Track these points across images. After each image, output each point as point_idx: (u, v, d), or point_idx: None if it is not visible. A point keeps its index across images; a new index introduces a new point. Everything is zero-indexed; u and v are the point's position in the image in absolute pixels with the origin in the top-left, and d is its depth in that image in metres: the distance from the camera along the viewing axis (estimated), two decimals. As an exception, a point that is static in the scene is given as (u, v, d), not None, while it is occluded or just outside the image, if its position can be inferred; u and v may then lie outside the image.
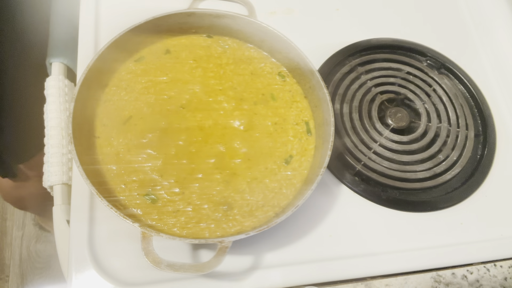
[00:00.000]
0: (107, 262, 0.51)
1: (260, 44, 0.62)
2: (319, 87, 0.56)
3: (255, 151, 0.55)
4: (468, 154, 0.64)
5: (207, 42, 0.62)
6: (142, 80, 0.58)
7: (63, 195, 0.58)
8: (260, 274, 0.52)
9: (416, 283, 0.54)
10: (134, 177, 0.52)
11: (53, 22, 0.68)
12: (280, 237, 0.54)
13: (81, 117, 0.51)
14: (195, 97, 0.58)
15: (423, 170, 0.62)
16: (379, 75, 0.68)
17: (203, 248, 0.53)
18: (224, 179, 0.53)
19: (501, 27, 0.78)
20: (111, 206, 0.44)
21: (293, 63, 0.60)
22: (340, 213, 0.58)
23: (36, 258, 1.29)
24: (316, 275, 0.53)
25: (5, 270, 1.26)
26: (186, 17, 0.59)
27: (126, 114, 0.55)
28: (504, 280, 0.56)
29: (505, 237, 0.59)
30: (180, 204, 0.51)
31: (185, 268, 0.43)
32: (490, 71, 0.74)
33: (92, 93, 0.54)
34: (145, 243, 0.43)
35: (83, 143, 0.51)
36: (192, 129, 0.56)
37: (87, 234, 0.52)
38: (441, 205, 0.60)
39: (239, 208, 0.51)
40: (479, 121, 0.69)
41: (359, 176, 0.61)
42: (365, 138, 0.62)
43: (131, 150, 0.53)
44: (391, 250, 0.56)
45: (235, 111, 0.57)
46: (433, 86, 0.69)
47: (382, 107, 0.66)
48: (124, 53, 0.58)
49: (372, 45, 0.71)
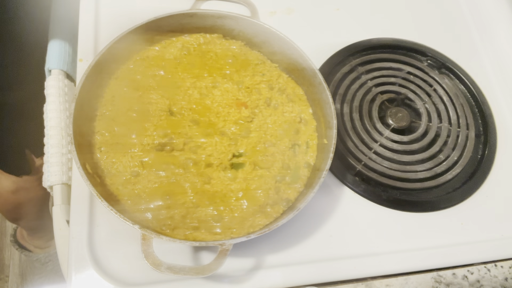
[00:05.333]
0: (106, 262, 0.51)
1: (262, 45, 0.62)
2: (322, 89, 0.56)
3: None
4: (469, 154, 0.64)
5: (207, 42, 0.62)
6: (143, 79, 0.58)
7: (63, 195, 0.58)
8: (261, 274, 0.52)
9: (417, 283, 0.54)
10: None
11: (52, 29, 0.68)
12: (280, 238, 0.54)
13: (81, 117, 0.51)
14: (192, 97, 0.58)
15: (424, 170, 0.61)
16: (379, 75, 0.68)
17: (204, 250, 0.53)
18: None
19: (501, 26, 0.77)
20: (111, 207, 0.44)
21: (294, 65, 0.60)
22: (340, 213, 0.58)
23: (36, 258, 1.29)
24: (317, 276, 0.53)
25: (4, 270, 1.26)
26: (188, 17, 0.59)
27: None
28: (504, 280, 0.56)
29: (505, 237, 0.59)
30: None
31: (185, 270, 0.43)
32: (490, 71, 0.74)
33: (93, 92, 0.54)
34: (145, 245, 0.43)
35: (83, 143, 0.50)
36: (196, 121, 0.56)
37: (87, 234, 0.52)
38: (442, 205, 0.60)
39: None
40: (480, 121, 0.69)
41: (359, 176, 0.60)
42: (365, 138, 0.62)
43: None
44: (391, 250, 0.56)
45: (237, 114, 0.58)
46: (433, 86, 0.69)
47: (382, 107, 0.66)
48: (125, 53, 0.58)
49: (373, 45, 0.71)
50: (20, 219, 1.03)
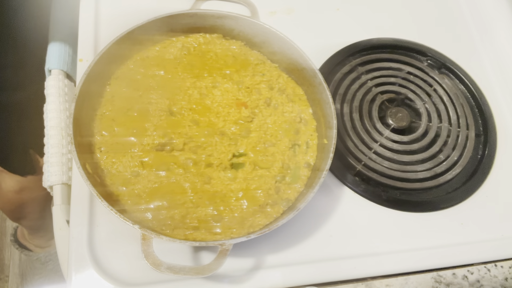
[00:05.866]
0: (106, 262, 0.51)
1: (261, 45, 0.62)
2: (322, 89, 0.56)
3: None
4: (469, 154, 0.64)
5: (207, 42, 0.62)
6: (143, 79, 0.58)
7: (62, 195, 0.58)
8: (261, 274, 0.52)
9: (417, 283, 0.54)
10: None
11: (52, 30, 0.68)
12: (280, 238, 0.54)
13: (81, 117, 0.51)
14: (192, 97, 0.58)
15: (424, 170, 0.61)
16: (379, 75, 0.68)
17: (204, 250, 0.53)
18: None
19: (501, 26, 0.77)
20: (111, 207, 0.44)
21: (294, 65, 0.60)
22: (340, 213, 0.58)
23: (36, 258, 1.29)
24: (317, 275, 0.53)
25: (4, 270, 1.26)
26: (188, 17, 0.59)
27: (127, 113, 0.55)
28: (504, 280, 0.56)
29: (505, 237, 0.59)
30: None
31: (185, 270, 0.43)
32: (490, 71, 0.73)
33: (93, 92, 0.54)
34: (145, 245, 0.43)
35: (83, 143, 0.50)
36: (196, 121, 0.56)
37: (86, 234, 0.52)
38: (442, 205, 0.60)
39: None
40: (480, 121, 0.69)
41: (359, 176, 0.60)
42: (365, 138, 0.62)
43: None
44: (391, 250, 0.56)
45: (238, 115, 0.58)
46: (433, 86, 0.69)
47: (382, 107, 0.66)
48: (126, 52, 0.58)
49: (373, 45, 0.71)
50: (23, 218, 1.03)
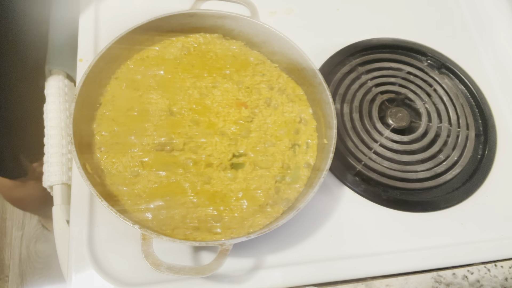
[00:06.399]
0: (106, 262, 0.51)
1: (261, 45, 0.62)
2: (322, 89, 0.56)
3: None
4: (469, 154, 0.64)
5: (207, 42, 0.62)
6: (143, 79, 0.58)
7: (62, 195, 0.58)
8: (261, 274, 0.52)
9: (417, 283, 0.54)
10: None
11: (52, 30, 0.68)
12: (280, 238, 0.54)
13: (81, 117, 0.51)
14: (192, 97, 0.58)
15: (424, 170, 0.61)
16: (379, 75, 0.68)
17: (204, 250, 0.53)
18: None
19: (501, 26, 0.77)
20: (111, 207, 0.44)
21: (294, 65, 0.60)
22: (340, 213, 0.58)
23: (36, 258, 1.29)
24: (317, 275, 0.53)
25: (4, 270, 1.26)
26: (188, 17, 0.59)
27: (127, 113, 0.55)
28: (504, 280, 0.56)
29: (505, 237, 0.59)
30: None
31: (185, 271, 0.43)
32: (490, 71, 0.73)
33: (93, 92, 0.54)
34: (145, 245, 0.43)
35: (83, 143, 0.50)
36: (196, 121, 0.56)
37: (86, 234, 0.52)
38: (442, 205, 0.60)
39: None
40: (480, 121, 0.69)
41: (359, 176, 0.60)
42: (365, 138, 0.62)
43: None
44: (391, 250, 0.56)
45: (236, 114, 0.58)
46: (433, 86, 0.69)
47: (382, 107, 0.66)
48: (126, 52, 0.58)
49: (373, 45, 0.71)
50: (26, 208, 1.06)
